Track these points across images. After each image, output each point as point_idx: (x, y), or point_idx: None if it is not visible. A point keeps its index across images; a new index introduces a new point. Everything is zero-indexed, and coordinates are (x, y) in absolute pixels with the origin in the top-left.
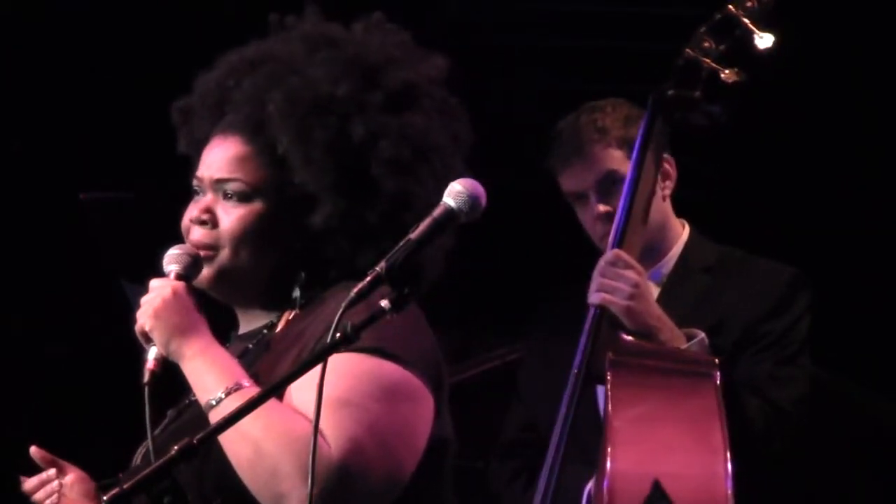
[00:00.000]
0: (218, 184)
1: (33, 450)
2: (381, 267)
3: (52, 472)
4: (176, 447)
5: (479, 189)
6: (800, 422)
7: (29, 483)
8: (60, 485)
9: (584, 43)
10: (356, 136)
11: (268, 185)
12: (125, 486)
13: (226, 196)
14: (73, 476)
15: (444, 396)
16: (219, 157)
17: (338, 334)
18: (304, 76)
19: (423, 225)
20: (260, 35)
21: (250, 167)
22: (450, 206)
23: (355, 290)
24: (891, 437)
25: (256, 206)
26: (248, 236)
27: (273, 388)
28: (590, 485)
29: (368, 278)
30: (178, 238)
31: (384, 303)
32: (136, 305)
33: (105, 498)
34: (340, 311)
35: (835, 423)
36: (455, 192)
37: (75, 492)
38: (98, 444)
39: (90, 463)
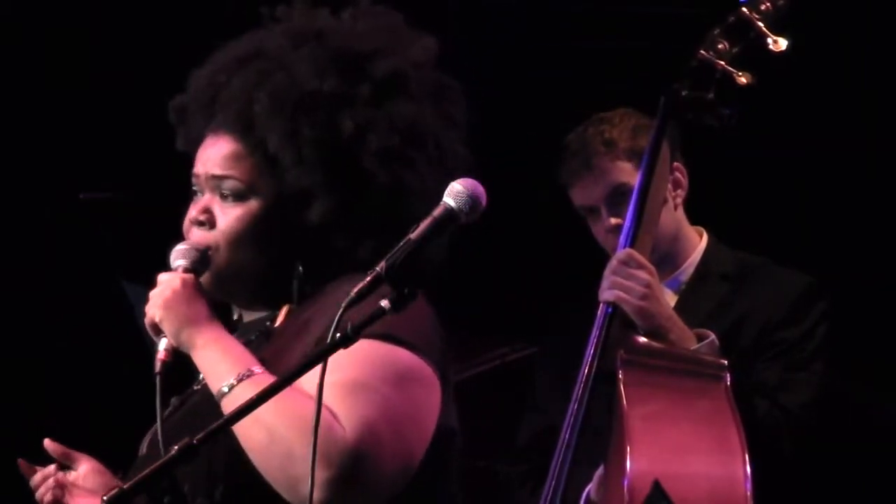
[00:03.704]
0: (214, 180)
1: (47, 442)
2: (380, 267)
3: (51, 467)
4: (176, 447)
5: (480, 189)
6: (809, 425)
7: (34, 478)
8: (56, 480)
9: (587, 43)
10: (345, 130)
11: (262, 182)
12: (125, 487)
13: (223, 196)
14: (86, 467)
15: (450, 388)
16: (213, 155)
17: (338, 334)
18: (290, 72)
19: (423, 225)
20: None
21: (244, 165)
22: (450, 206)
23: (355, 290)
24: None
25: (253, 204)
26: (245, 236)
27: (279, 385)
28: (589, 487)
29: (368, 278)
30: (177, 237)
31: (384, 303)
32: (136, 305)
33: (105, 497)
34: (340, 310)
35: (839, 424)
36: (455, 192)
37: (89, 483)
38: (98, 442)
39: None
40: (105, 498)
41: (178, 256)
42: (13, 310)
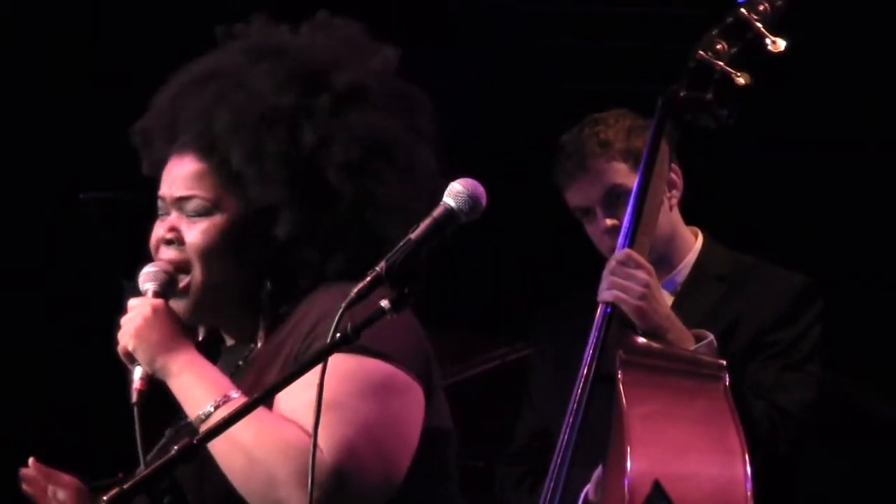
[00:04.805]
0: (179, 202)
1: (31, 462)
2: (380, 267)
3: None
4: (175, 447)
5: (480, 189)
6: (807, 426)
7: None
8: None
9: (586, 43)
10: (307, 143)
11: (227, 199)
12: (125, 487)
13: (189, 215)
14: (66, 494)
15: (435, 386)
16: (177, 176)
17: (338, 335)
18: (249, 90)
19: (423, 225)
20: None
21: (208, 184)
22: (450, 206)
23: (355, 290)
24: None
25: (218, 219)
26: (214, 249)
27: (262, 396)
28: (587, 488)
29: (368, 278)
30: None
31: (384, 303)
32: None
33: (105, 498)
34: (340, 311)
35: (839, 424)
36: (455, 192)
37: None
38: (98, 444)
39: (90, 465)
40: (105, 498)
41: (147, 280)
42: (13, 310)
